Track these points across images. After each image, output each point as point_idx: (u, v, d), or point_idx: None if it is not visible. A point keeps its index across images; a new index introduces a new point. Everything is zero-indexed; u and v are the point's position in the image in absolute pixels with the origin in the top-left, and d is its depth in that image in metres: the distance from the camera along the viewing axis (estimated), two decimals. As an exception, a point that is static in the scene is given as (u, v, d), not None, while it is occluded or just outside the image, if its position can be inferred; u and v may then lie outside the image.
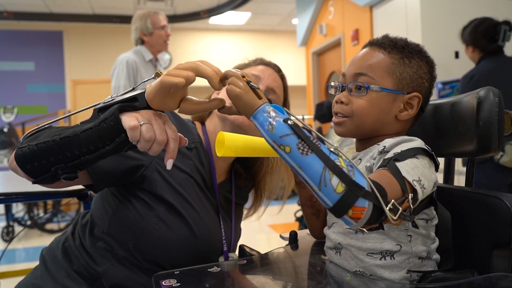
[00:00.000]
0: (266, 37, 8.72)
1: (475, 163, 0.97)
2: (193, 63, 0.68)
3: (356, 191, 0.60)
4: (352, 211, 0.61)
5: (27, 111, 7.54)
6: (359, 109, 0.82)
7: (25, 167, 0.68)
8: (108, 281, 0.93)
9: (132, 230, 0.93)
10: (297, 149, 0.63)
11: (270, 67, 1.12)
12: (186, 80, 0.65)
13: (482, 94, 0.82)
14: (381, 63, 0.83)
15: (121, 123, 0.63)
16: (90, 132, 0.64)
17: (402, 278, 0.77)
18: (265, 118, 0.66)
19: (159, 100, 0.67)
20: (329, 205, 0.62)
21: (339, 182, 0.60)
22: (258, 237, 4.14)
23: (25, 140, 0.71)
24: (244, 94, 0.68)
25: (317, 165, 0.62)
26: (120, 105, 0.65)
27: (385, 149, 0.78)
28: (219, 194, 1.08)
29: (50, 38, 7.87)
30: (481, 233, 0.84)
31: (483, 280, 0.72)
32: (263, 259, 1.00)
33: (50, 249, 1.00)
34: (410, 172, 0.69)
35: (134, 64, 2.71)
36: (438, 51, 3.30)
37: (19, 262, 3.54)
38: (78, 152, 0.65)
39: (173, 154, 0.66)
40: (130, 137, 0.62)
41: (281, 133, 0.64)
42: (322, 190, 0.62)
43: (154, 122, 0.65)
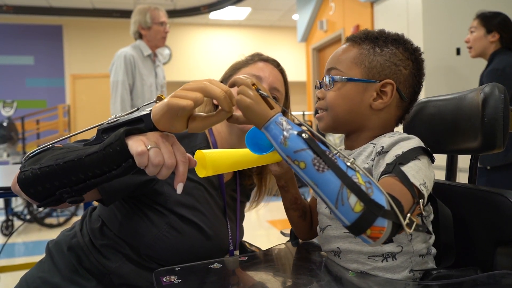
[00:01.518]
0: (266, 33, 8.70)
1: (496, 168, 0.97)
2: (201, 83, 0.64)
3: (375, 211, 0.57)
4: (370, 231, 0.58)
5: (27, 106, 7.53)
6: (330, 101, 0.84)
7: (29, 191, 0.65)
8: (118, 278, 0.92)
9: (143, 237, 0.92)
10: (313, 165, 0.60)
11: (269, 63, 1.11)
12: (194, 102, 0.61)
13: (487, 91, 0.81)
14: (348, 55, 0.85)
15: (128, 148, 0.60)
16: (95, 157, 0.61)
17: (405, 277, 0.77)
18: (278, 130, 0.63)
19: (166, 123, 0.63)
20: (346, 224, 0.59)
21: (357, 201, 0.57)
22: (258, 233, 4.14)
23: (27, 161, 0.68)
24: (255, 104, 0.65)
25: (334, 183, 0.59)
26: (126, 129, 0.61)
27: (383, 150, 0.77)
28: (226, 193, 1.08)
29: (49, 32, 7.84)
30: (484, 230, 0.84)
31: (486, 277, 0.72)
32: (264, 255, 0.99)
33: (58, 244, 0.99)
34: (416, 177, 0.68)
35: (132, 59, 2.71)
36: (439, 47, 3.29)
37: (19, 256, 3.54)
38: (84, 176, 0.62)
39: (183, 178, 0.62)
40: (138, 163, 0.59)
41: (295, 147, 0.61)
42: (339, 209, 0.59)
43: (162, 145, 0.61)
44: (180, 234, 0.94)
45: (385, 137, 0.81)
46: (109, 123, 0.67)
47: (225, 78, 1.13)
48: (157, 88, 2.89)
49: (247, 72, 1.07)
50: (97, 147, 0.61)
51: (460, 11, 3.24)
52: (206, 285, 0.79)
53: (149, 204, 0.94)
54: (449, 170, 1.08)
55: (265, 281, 0.82)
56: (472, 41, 2.35)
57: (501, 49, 2.26)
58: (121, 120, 0.67)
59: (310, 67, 5.88)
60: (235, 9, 7.57)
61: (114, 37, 7.79)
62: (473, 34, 2.34)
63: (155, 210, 0.93)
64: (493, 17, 2.31)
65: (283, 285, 0.80)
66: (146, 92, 2.79)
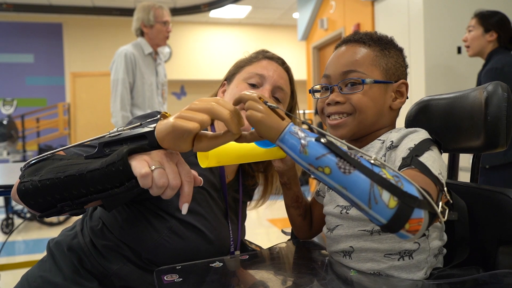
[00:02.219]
0: (267, 31, 8.68)
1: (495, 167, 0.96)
2: (208, 104, 0.61)
3: (410, 203, 0.56)
4: (409, 225, 0.57)
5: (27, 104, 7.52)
6: (360, 104, 0.82)
7: (29, 203, 0.64)
8: (119, 279, 0.92)
9: (144, 242, 0.91)
10: (338, 168, 0.58)
11: (274, 61, 1.08)
12: (200, 125, 0.59)
13: (490, 89, 0.80)
14: (366, 57, 0.84)
15: (131, 169, 0.58)
16: (97, 174, 0.59)
17: (420, 279, 0.76)
18: (295, 140, 0.61)
19: (171, 143, 0.61)
20: (382, 222, 0.58)
21: (390, 196, 0.56)
22: (258, 231, 4.14)
23: (26, 171, 0.67)
24: (266, 118, 0.62)
25: (364, 183, 0.57)
26: (129, 149, 0.60)
27: (393, 144, 0.78)
28: (228, 194, 1.07)
29: (49, 30, 7.82)
30: (487, 229, 0.83)
31: (488, 276, 0.72)
32: (265, 254, 0.99)
33: (58, 243, 0.99)
34: (433, 167, 0.68)
35: (132, 57, 2.70)
36: (440, 46, 3.28)
37: (19, 254, 3.54)
38: (85, 191, 0.61)
39: (188, 198, 0.61)
40: (142, 185, 0.58)
41: (317, 154, 0.59)
42: (373, 208, 0.57)
43: (166, 165, 0.59)
44: (181, 239, 0.93)
45: (392, 132, 0.82)
46: (111, 137, 0.65)
47: (228, 76, 1.11)
48: (157, 87, 2.88)
49: (251, 71, 1.05)
50: (99, 163, 0.59)
51: (461, 9, 3.23)
52: (207, 284, 0.78)
53: (150, 209, 0.93)
54: (451, 169, 1.08)
55: (266, 280, 0.82)
56: (469, 40, 2.35)
57: (499, 48, 2.26)
58: (124, 135, 0.64)
59: (310, 66, 5.87)
60: (236, 7, 7.56)
61: (114, 35, 7.78)
62: (471, 33, 2.34)
63: (156, 214, 0.92)
64: (491, 16, 2.30)
65: (284, 284, 0.79)
66: (146, 91, 2.77)
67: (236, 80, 1.06)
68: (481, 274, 0.76)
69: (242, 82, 1.04)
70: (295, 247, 1.03)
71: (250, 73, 1.04)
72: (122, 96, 2.67)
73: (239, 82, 1.05)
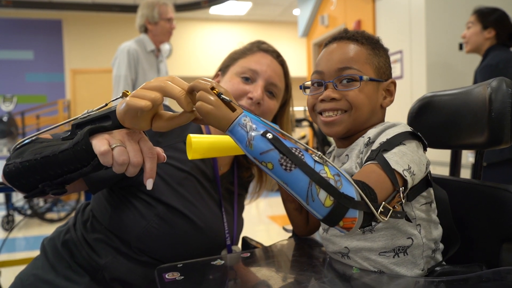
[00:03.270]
0: (267, 28, 8.66)
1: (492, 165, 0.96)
2: (161, 82, 0.62)
3: (345, 203, 0.58)
4: (343, 222, 0.60)
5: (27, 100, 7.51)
6: (356, 100, 0.81)
7: (14, 184, 0.66)
8: (110, 273, 0.92)
9: (133, 229, 0.91)
10: (280, 165, 0.60)
11: (268, 53, 1.07)
12: (152, 102, 0.60)
13: (494, 85, 0.80)
14: (360, 55, 0.84)
15: (92, 147, 0.59)
16: (67, 154, 0.61)
17: (417, 275, 0.76)
18: (243, 132, 0.62)
19: (130, 122, 0.62)
20: (319, 217, 0.61)
21: (327, 195, 0.58)
22: (258, 228, 4.14)
23: (13, 154, 0.69)
24: (215, 110, 0.62)
25: (303, 181, 0.59)
26: (90, 128, 0.62)
27: (370, 140, 0.77)
28: (221, 186, 1.06)
29: (49, 27, 7.80)
30: (490, 226, 0.83)
31: (491, 274, 0.71)
32: (266, 251, 0.98)
33: (52, 240, 0.99)
34: (399, 162, 0.68)
35: (135, 53, 2.68)
36: (441, 42, 3.27)
37: (19, 251, 3.54)
38: (60, 171, 0.63)
39: (151, 174, 0.62)
40: (103, 162, 0.59)
41: (261, 149, 0.60)
42: (310, 205, 0.60)
43: (127, 143, 0.61)
44: (169, 226, 0.92)
45: (373, 128, 0.81)
46: (82, 118, 0.67)
47: (222, 67, 1.10)
48: None
49: (244, 65, 1.04)
50: (68, 144, 0.61)
51: (462, 6, 3.22)
52: (209, 282, 0.78)
53: (136, 195, 0.93)
54: (453, 166, 1.08)
55: (268, 278, 0.81)
56: (468, 37, 2.35)
57: (496, 45, 2.25)
58: (92, 116, 0.66)
59: (311, 63, 5.86)
60: (236, 4, 7.53)
61: (114, 32, 7.76)
62: (470, 29, 2.34)
63: (143, 201, 0.92)
64: (490, 13, 2.30)
65: (286, 281, 0.79)
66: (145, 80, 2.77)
67: (230, 73, 1.06)
68: (484, 271, 0.75)
69: (235, 76, 1.03)
70: (297, 244, 1.02)
71: (243, 67, 1.03)
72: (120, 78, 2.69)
73: (233, 76, 1.04)
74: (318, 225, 1.02)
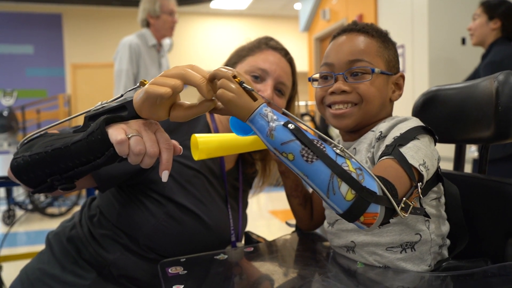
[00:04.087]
0: (268, 22, 8.62)
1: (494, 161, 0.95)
2: (181, 69, 0.61)
3: (367, 198, 0.57)
4: (364, 217, 0.58)
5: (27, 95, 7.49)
6: (368, 93, 0.80)
7: (22, 178, 0.65)
8: (117, 269, 0.91)
9: (142, 227, 0.91)
10: (301, 156, 0.59)
11: (277, 51, 1.05)
12: (172, 89, 0.58)
13: (501, 79, 0.79)
14: (371, 48, 0.83)
15: (108, 137, 0.58)
16: (80, 145, 0.60)
17: (424, 271, 0.75)
18: (264, 122, 0.61)
19: (148, 111, 0.61)
20: (339, 212, 0.60)
21: (348, 189, 0.57)
22: (259, 223, 4.14)
23: (21, 148, 0.68)
24: (237, 98, 0.61)
25: (324, 173, 0.58)
26: (106, 117, 0.60)
27: (382, 135, 0.77)
28: (227, 182, 1.06)
29: (49, 21, 7.77)
30: (495, 221, 0.82)
31: (497, 269, 0.71)
32: (269, 246, 0.98)
33: (57, 235, 0.98)
34: (415, 157, 0.68)
35: (137, 47, 2.66)
36: (444, 37, 3.25)
37: (21, 245, 3.55)
38: (72, 164, 0.61)
39: (167, 165, 0.60)
40: (119, 152, 0.58)
41: (282, 139, 0.60)
42: (330, 198, 0.59)
43: (144, 133, 0.59)
44: (178, 224, 0.92)
45: (383, 122, 0.81)
46: (96, 110, 0.66)
47: (229, 64, 1.08)
48: None
49: (253, 64, 1.02)
50: (81, 135, 0.60)
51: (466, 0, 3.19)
52: (212, 277, 0.77)
53: (146, 193, 0.92)
54: (457, 160, 1.07)
55: (272, 273, 0.81)
56: (473, 28, 2.33)
57: (501, 39, 2.23)
58: (107, 107, 0.65)
59: (312, 57, 5.84)
60: (237, -2, 7.49)
61: (115, 26, 7.72)
62: (476, 21, 2.32)
63: (152, 199, 0.92)
64: (497, 5, 2.28)
65: (290, 276, 0.79)
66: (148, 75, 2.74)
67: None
68: (490, 266, 0.75)
69: (244, 74, 1.02)
70: (300, 239, 1.02)
71: (252, 66, 1.02)
72: (125, 87, 2.65)
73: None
74: (322, 220, 1.02)
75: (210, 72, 0.62)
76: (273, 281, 0.75)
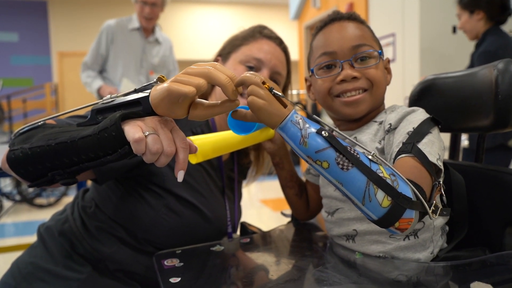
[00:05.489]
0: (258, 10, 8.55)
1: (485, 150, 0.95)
2: (205, 68, 0.58)
3: (403, 204, 0.57)
4: (399, 223, 0.59)
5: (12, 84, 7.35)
6: (377, 77, 0.80)
7: (19, 171, 0.62)
8: (113, 263, 0.89)
9: (140, 220, 0.89)
10: (336, 164, 0.58)
11: (271, 40, 1.03)
12: (197, 89, 0.56)
13: (501, 67, 0.78)
14: (368, 33, 0.84)
15: (124, 134, 0.55)
16: (89, 140, 0.57)
17: (426, 258, 0.75)
18: (296, 130, 0.60)
19: (166, 108, 0.58)
20: (373, 218, 0.60)
21: (385, 196, 0.57)
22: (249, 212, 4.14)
23: (16, 139, 0.65)
24: (268, 105, 0.59)
25: (360, 180, 0.58)
26: (122, 114, 0.57)
27: (391, 127, 0.76)
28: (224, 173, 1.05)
29: (34, 8, 7.59)
30: (493, 210, 0.82)
31: (495, 258, 0.71)
32: (265, 237, 0.97)
33: (49, 229, 0.96)
34: (432, 153, 0.68)
35: (110, 31, 2.67)
36: (435, 25, 3.25)
37: (9, 237, 3.50)
38: (77, 159, 0.59)
39: (183, 165, 0.58)
40: (135, 150, 0.55)
41: (317, 147, 0.59)
42: (366, 205, 0.59)
43: (160, 131, 0.57)
44: (178, 217, 0.91)
45: (389, 113, 0.80)
46: (104, 103, 0.62)
47: (223, 53, 1.06)
48: (141, 65, 2.74)
49: (248, 53, 1.00)
50: (91, 130, 0.57)
51: (456, -12, 3.19)
52: (209, 268, 0.76)
53: (146, 185, 0.90)
54: (452, 150, 1.07)
55: (269, 264, 0.80)
56: (462, 26, 2.37)
57: (492, 27, 2.23)
58: (117, 101, 0.62)
59: (302, 46, 5.80)
60: (226, -15, 7.40)
61: (102, 13, 7.58)
62: (461, 19, 2.35)
63: (152, 191, 0.90)
64: None
65: (287, 267, 0.78)
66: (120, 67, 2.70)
67: (233, 61, 1.02)
68: (488, 255, 0.75)
69: (239, 64, 1.00)
70: (296, 229, 1.01)
71: (247, 56, 1.00)
72: (85, 61, 2.71)
73: (236, 64, 1.00)
74: (318, 209, 1.01)
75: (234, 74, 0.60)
76: (270, 273, 0.74)
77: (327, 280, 0.67)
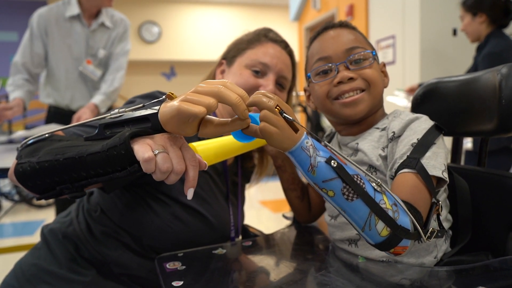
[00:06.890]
0: (258, 11, 8.54)
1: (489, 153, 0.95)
2: (215, 87, 0.56)
3: (401, 235, 0.60)
4: (393, 249, 0.62)
5: (11, 84, 7.33)
6: (373, 77, 0.81)
7: (27, 184, 0.62)
8: (117, 267, 0.89)
9: (146, 228, 0.88)
10: (342, 194, 0.59)
11: (277, 44, 1.03)
12: (207, 109, 0.55)
13: (505, 71, 0.78)
14: (360, 37, 0.85)
15: (133, 153, 0.55)
16: (98, 157, 0.57)
17: (430, 263, 0.76)
18: (305, 157, 0.59)
19: (175, 127, 0.57)
20: (370, 243, 0.62)
21: (384, 226, 0.60)
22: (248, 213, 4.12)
23: (23, 151, 0.65)
24: (280, 133, 0.58)
25: (363, 211, 0.59)
26: (132, 132, 0.57)
27: (395, 135, 0.76)
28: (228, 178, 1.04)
29: (33, 7, 7.55)
30: (496, 215, 0.82)
31: (498, 263, 0.71)
32: (268, 240, 0.97)
33: (53, 231, 0.95)
34: (436, 166, 0.68)
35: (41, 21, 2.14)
36: (435, 27, 3.26)
37: (8, 237, 3.49)
38: (85, 174, 0.59)
39: (193, 183, 0.58)
40: (145, 169, 0.55)
41: (324, 177, 0.59)
42: (365, 232, 0.61)
43: (170, 149, 0.56)
44: (184, 224, 0.90)
45: (391, 120, 0.80)
46: (112, 118, 0.62)
47: (228, 57, 1.05)
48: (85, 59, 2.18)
49: (253, 58, 0.99)
50: (100, 146, 0.57)
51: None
52: (211, 272, 0.76)
53: (153, 193, 0.90)
54: (454, 153, 1.06)
55: (271, 267, 0.80)
56: (464, 29, 2.37)
57: (495, 30, 2.24)
58: (125, 117, 0.61)
59: (302, 47, 5.81)
60: (226, -14, 7.40)
61: (101, 14, 7.58)
62: (464, 21, 2.36)
63: (159, 199, 0.90)
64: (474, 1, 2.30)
65: (290, 271, 0.77)
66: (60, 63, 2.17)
67: (238, 65, 1.01)
68: (491, 260, 0.75)
69: (245, 68, 0.99)
70: (298, 232, 1.01)
71: (253, 60, 0.99)
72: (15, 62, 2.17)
73: (242, 69, 1.00)
74: (320, 212, 1.01)
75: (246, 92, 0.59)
76: (272, 276, 0.74)
77: (330, 284, 0.67)
